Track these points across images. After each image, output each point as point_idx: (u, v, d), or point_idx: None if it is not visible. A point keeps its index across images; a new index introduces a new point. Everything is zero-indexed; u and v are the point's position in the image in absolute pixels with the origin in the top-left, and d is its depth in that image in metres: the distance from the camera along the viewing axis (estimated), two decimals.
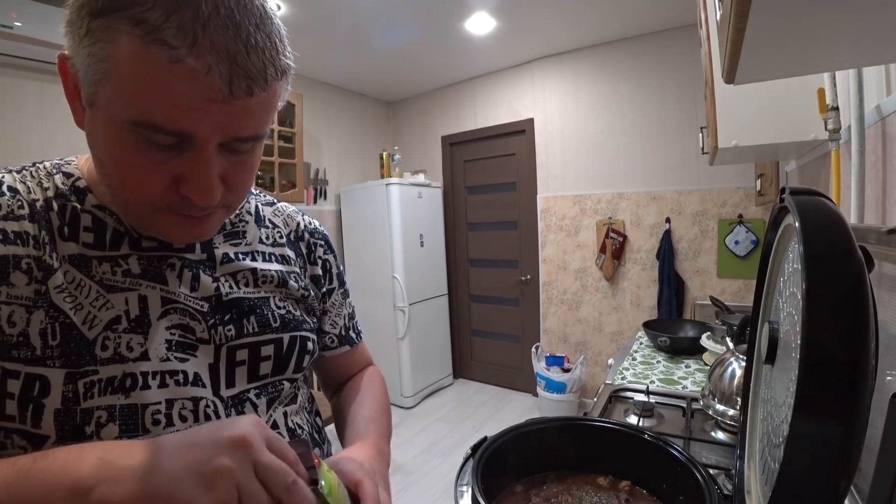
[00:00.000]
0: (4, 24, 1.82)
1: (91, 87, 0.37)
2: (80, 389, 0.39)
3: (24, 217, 0.40)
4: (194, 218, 0.42)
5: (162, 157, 0.37)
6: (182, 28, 0.32)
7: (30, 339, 0.38)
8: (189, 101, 0.34)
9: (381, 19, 2.48)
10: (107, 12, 0.33)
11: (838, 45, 0.49)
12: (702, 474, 0.54)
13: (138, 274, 0.44)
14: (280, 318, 0.53)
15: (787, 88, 1.13)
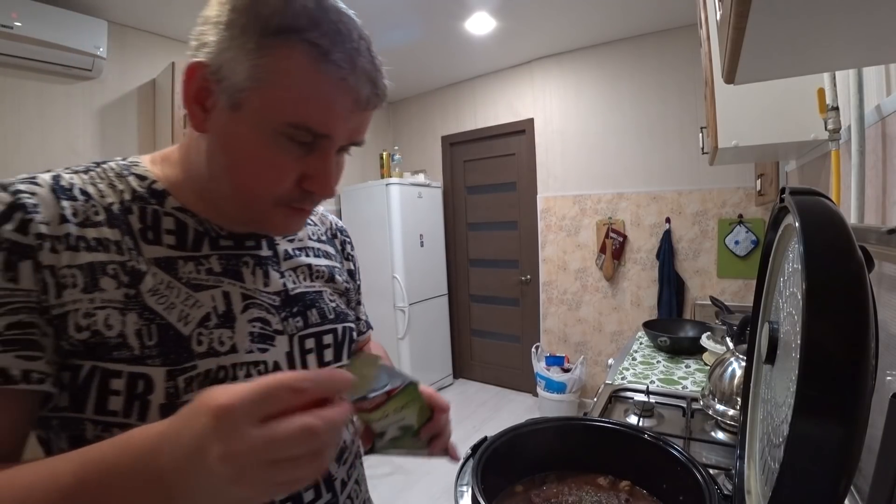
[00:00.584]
0: (4, 24, 1.82)
1: (240, 93, 0.40)
2: (180, 385, 0.41)
3: (101, 223, 0.42)
4: (303, 211, 0.47)
5: (296, 156, 0.42)
6: (345, 55, 0.40)
7: (127, 340, 0.40)
8: (341, 110, 0.42)
9: (381, 19, 2.48)
10: (282, 32, 0.38)
11: (838, 45, 0.49)
12: (702, 474, 0.54)
13: (220, 272, 0.47)
14: (333, 310, 0.57)
15: (787, 88, 1.13)
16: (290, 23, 0.38)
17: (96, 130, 2.30)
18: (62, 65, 2.06)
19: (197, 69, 0.42)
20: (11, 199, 0.39)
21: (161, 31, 2.49)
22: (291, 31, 0.38)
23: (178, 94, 2.30)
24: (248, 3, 0.39)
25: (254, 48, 0.39)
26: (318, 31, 0.39)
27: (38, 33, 1.91)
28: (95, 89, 2.29)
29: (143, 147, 2.47)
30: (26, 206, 0.40)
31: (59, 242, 0.40)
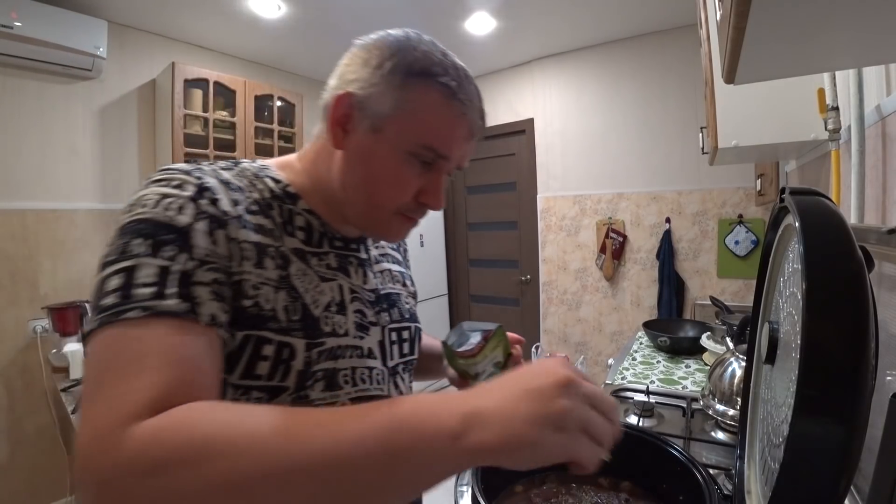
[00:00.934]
0: (4, 24, 1.82)
1: (383, 119, 0.50)
2: (313, 356, 0.49)
3: (257, 212, 0.50)
4: (414, 221, 0.57)
5: (418, 173, 0.52)
6: (466, 95, 0.51)
7: (277, 314, 0.47)
8: (461, 137, 0.52)
9: (381, 19, 2.48)
10: (422, 75, 0.49)
11: (838, 45, 0.49)
12: (702, 474, 0.54)
13: (335, 268, 0.56)
14: (409, 311, 0.67)
15: (787, 88, 1.13)
16: (428, 68, 0.49)
17: (96, 130, 2.30)
18: (62, 65, 2.06)
19: (345, 98, 0.51)
20: (199, 182, 0.46)
21: (161, 31, 2.49)
22: (429, 75, 0.49)
23: (178, 95, 2.30)
24: (396, 51, 0.50)
25: (399, 85, 0.49)
26: (448, 76, 0.50)
27: (38, 33, 1.91)
28: (95, 89, 2.29)
29: (143, 147, 2.47)
30: (212, 188, 0.46)
31: (238, 221, 0.47)
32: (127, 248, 0.40)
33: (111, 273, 0.39)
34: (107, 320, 0.36)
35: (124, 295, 0.37)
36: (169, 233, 0.41)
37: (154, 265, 0.39)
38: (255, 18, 2.40)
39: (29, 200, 2.08)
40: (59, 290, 2.15)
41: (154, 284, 0.38)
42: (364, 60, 0.51)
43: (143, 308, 0.37)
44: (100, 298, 0.38)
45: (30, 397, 2.05)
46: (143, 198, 0.44)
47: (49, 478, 2.08)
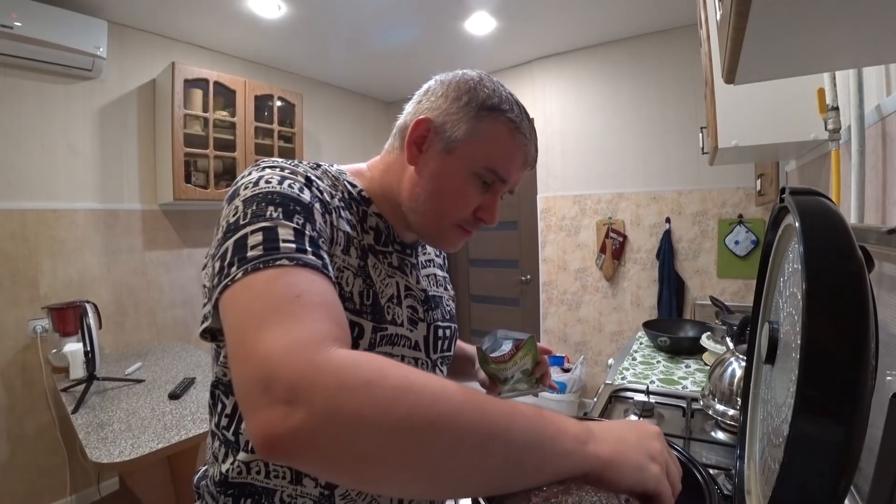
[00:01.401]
0: (4, 24, 1.82)
1: (456, 142, 0.57)
2: (377, 339, 0.55)
3: (343, 208, 0.57)
4: (469, 233, 0.63)
5: (479, 192, 0.59)
6: (527, 129, 0.59)
7: (353, 297, 0.54)
8: (519, 165, 0.60)
9: (381, 19, 2.48)
10: (493, 109, 0.57)
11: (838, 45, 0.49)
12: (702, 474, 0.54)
13: (396, 266, 0.63)
14: (449, 313, 0.73)
15: (787, 88, 1.13)
16: (498, 104, 0.57)
17: (96, 130, 2.30)
18: (62, 65, 2.06)
19: (424, 122, 0.59)
20: (305, 173, 0.53)
21: (161, 31, 2.49)
22: (499, 110, 0.57)
23: (178, 95, 2.30)
24: (470, 88, 0.58)
25: (474, 116, 0.57)
26: (513, 113, 0.58)
27: (38, 33, 1.91)
28: (95, 89, 2.29)
29: (142, 147, 2.47)
30: (315, 180, 0.53)
31: (334, 210, 0.54)
32: (263, 211, 0.45)
33: (252, 231, 0.43)
34: (256, 266, 0.40)
35: (271, 248, 0.41)
36: (297, 205, 0.47)
37: (290, 227, 0.44)
38: (255, 18, 2.40)
39: (29, 200, 2.08)
40: (59, 290, 2.15)
41: (294, 241, 0.43)
42: (443, 94, 0.59)
43: (290, 259, 0.41)
44: (242, 252, 0.41)
45: (30, 397, 2.05)
46: (264, 176, 0.49)
47: (49, 478, 2.08)
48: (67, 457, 2.09)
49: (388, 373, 0.33)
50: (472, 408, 0.34)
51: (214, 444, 0.56)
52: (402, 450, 0.31)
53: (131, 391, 1.67)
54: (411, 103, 0.64)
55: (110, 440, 1.28)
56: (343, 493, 0.54)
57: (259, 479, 0.53)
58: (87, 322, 1.71)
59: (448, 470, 0.33)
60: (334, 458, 0.31)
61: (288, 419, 0.30)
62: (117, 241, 2.38)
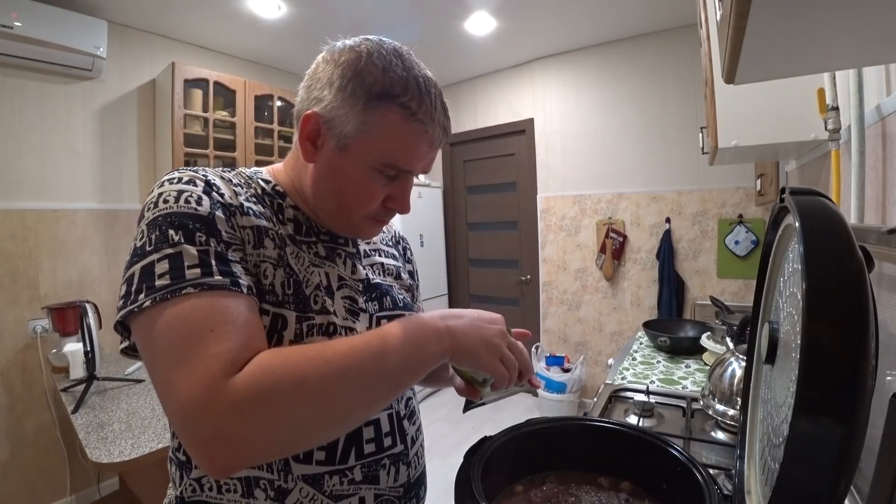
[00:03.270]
0: (4, 24, 1.82)
1: (347, 139, 0.53)
2: (304, 329, 0.54)
3: (255, 202, 0.56)
4: (383, 222, 0.63)
5: (383, 185, 0.57)
6: (427, 113, 0.54)
7: (275, 288, 0.53)
8: (420, 152, 0.56)
9: (381, 19, 2.48)
10: (383, 98, 0.52)
11: (838, 45, 0.49)
12: (702, 474, 0.54)
13: (324, 256, 0.61)
14: (402, 300, 0.70)
15: (787, 88, 1.13)
16: (388, 90, 0.52)
17: (96, 130, 2.30)
18: (62, 65, 2.06)
19: (312, 117, 0.54)
20: (205, 178, 0.52)
21: (161, 31, 2.49)
22: (389, 97, 0.52)
23: (178, 95, 2.30)
24: (356, 73, 0.53)
25: (361, 109, 0.52)
26: (407, 96, 0.53)
27: (38, 33, 1.91)
28: (95, 89, 2.29)
29: (142, 147, 2.47)
30: (215, 184, 0.52)
31: (239, 209, 0.53)
32: (164, 237, 0.46)
33: (159, 258, 0.45)
34: (164, 297, 0.43)
35: (177, 276, 0.44)
36: (196, 221, 0.47)
37: (194, 250, 0.46)
38: (255, 18, 2.40)
39: (29, 200, 2.08)
40: (59, 290, 2.16)
41: (198, 266, 0.45)
42: (328, 79, 0.54)
43: (195, 285, 0.44)
44: (150, 280, 0.44)
45: (30, 397, 2.05)
46: (163, 195, 0.49)
47: (49, 478, 2.08)
48: (67, 457, 2.09)
49: (281, 380, 0.41)
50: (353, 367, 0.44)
51: (171, 468, 0.58)
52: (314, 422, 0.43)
53: (131, 391, 1.67)
54: (302, 86, 0.58)
55: (110, 440, 1.28)
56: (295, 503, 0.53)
57: (212, 496, 0.53)
58: (87, 322, 1.71)
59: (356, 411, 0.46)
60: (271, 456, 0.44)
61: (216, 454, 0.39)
62: (117, 241, 2.38)
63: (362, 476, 0.57)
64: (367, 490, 0.58)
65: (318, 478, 0.54)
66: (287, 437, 0.41)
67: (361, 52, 0.53)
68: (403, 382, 0.49)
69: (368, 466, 0.58)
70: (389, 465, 0.60)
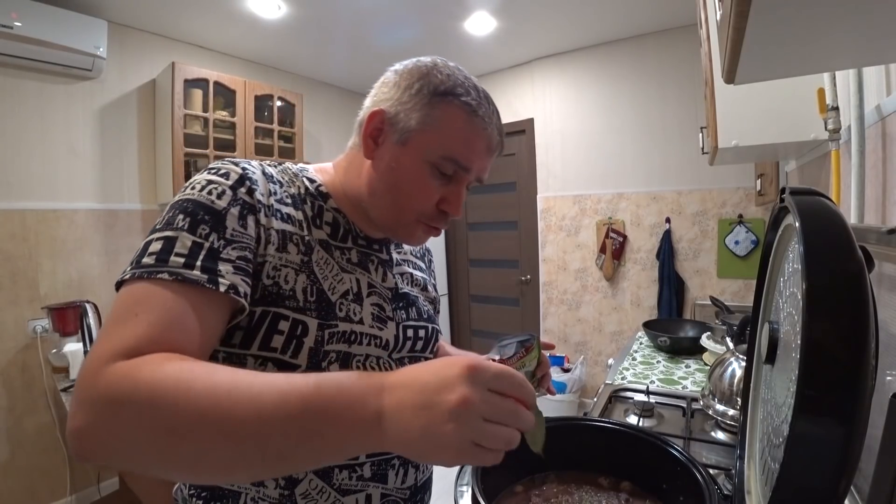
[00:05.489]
0: (4, 24, 1.82)
1: (409, 133, 0.56)
2: (325, 336, 0.54)
3: (289, 204, 0.57)
4: (435, 229, 0.61)
5: (440, 183, 0.57)
6: (486, 113, 0.57)
7: (296, 294, 0.53)
8: (480, 151, 0.58)
9: (381, 19, 2.48)
10: (446, 94, 0.55)
11: (838, 45, 0.49)
12: (702, 474, 0.54)
13: (356, 263, 0.61)
14: (426, 312, 0.70)
15: (787, 88, 1.13)
16: (452, 88, 0.56)
17: (96, 130, 2.30)
18: (62, 65, 2.06)
19: (377, 114, 0.57)
20: (242, 172, 0.53)
21: (161, 31, 2.49)
22: (453, 94, 0.55)
23: (178, 95, 2.30)
24: (422, 75, 0.57)
25: (426, 103, 0.55)
26: (469, 96, 0.56)
27: (38, 33, 1.91)
28: (95, 89, 2.29)
29: (142, 147, 2.47)
30: (252, 178, 0.53)
31: (268, 210, 0.53)
32: (173, 220, 0.47)
33: (156, 238, 0.46)
34: (142, 275, 0.43)
35: (161, 259, 0.44)
36: (206, 213, 0.48)
37: (189, 239, 0.46)
38: (255, 18, 2.40)
39: (29, 200, 2.08)
40: (59, 290, 2.15)
41: (185, 256, 0.45)
42: (395, 83, 0.58)
43: (171, 273, 0.44)
44: (141, 255, 0.45)
45: (30, 397, 2.05)
46: (194, 182, 0.51)
47: (49, 478, 2.08)
48: (67, 457, 2.09)
49: (139, 387, 0.36)
50: (215, 415, 0.34)
51: None
52: (156, 455, 0.35)
53: None
54: (369, 97, 0.62)
55: None
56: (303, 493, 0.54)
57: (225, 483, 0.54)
58: (87, 322, 1.71)
59: (207, 467, 0.36)
60: (115, 462, 0.36)
61: (71, 430, 0.36)
62: (117, 241, 2.38)
63: (371, 473, 0.58)
64: (374, 488, 0.58)
65: (327, 471, 0.55)
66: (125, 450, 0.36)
67: (427, 62, 0.58)
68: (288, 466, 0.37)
69: (378, 465, 0.58)
70: (399, 465, 0.61)
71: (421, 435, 0.33)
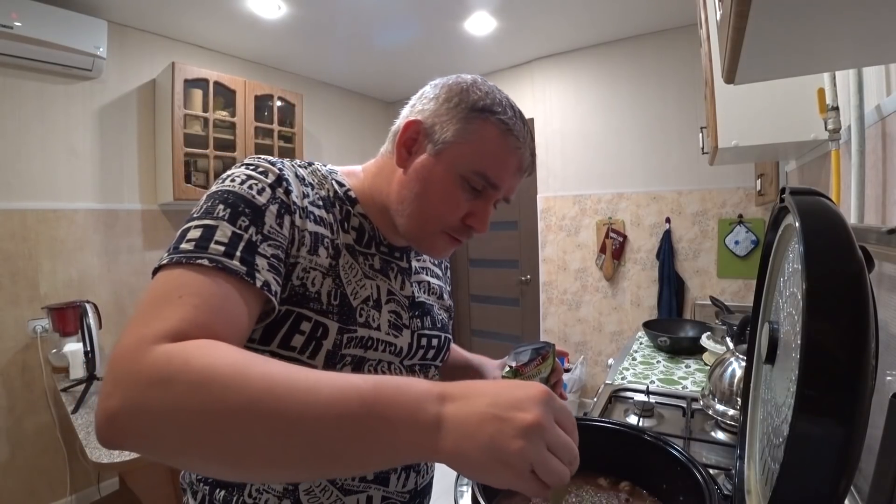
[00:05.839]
0: (4, 24, 1.82)
1: (444, 145, 0.56)
2: (344, 340, 0.54)
3: (321, 206, 0.57)
4: (458, 241, 0.62)
5: (468, 197, 0.58)
6: (520, 133, 0.58)
7: (321, 297, 0.53)
8: (511, 169, 0.59)
9: (381, 19, 2.48)
10: (483, 110, 0.56)
11: (838, 45, 0.49)
12: (702, 474, 0.54)
13: (378, 269, 0.62)
14: (440, 321, 0.72)
15: (787, 88, 1.13)
16: (489, 105, 0.56)
17: (96, 130, 2.30)
18: (62, 65, 2.06)
19: (413, 124, 0.58)
20: (279, 172, 0.53)
21: (161, 31, 2.49)
22: (490, 111, 0.56)
23: (178, 95, 2.30)
24: (461, 90, 0.58)
25: (463, 116, 0.56)
26: (505, 115, 0.57)
27: (38, 33, 1.91)
28: (95, 89, 2.29)
29: (142, 147, 2.47)
30: (288, 180, 0.53)
31: (303, 212, 0.54)
32: (212, 209, 0.47)
33: (195, 225, 0.46)
34: (180, 260, 0.43)
35: (200, 246, 0.44)
36: (247, 207, 0.48)
37: (230, 229, 0.46)
38: (255, 18, 2.40)
39: (29, 200, 2.08)
40: (59, 290, 2.15)
41: (225, 245, 0.45)
42: (434, 96, 0.59)
43: (211, 260, 0.43)
44: (179, 242, 0.45)
45: (30, 397, 2.05)
46: (233, 175, 0.51)
47: (49, 478, 2.08)
48: (67, 457, 2.09)
49: (192, 365, 0.34)
50: (270, 402, 0.33)
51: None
52: (198, 441, 0.33)
53: None
54: (406, 107, 0.64)
55: None
56: (307, 489, 0.55)
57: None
58: (87, 322, 1.71)
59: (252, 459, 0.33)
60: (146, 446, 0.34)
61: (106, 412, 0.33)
62: (117, 241, 2.38)
63: (373, 475, 0.59)
64: (375, 490, 0.59)
65: None
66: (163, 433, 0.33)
67: (467, 79, 0.59)
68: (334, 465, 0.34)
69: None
70: (401, 469, 0.62)
71: (486, 445, 0.32)
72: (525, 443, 0.32)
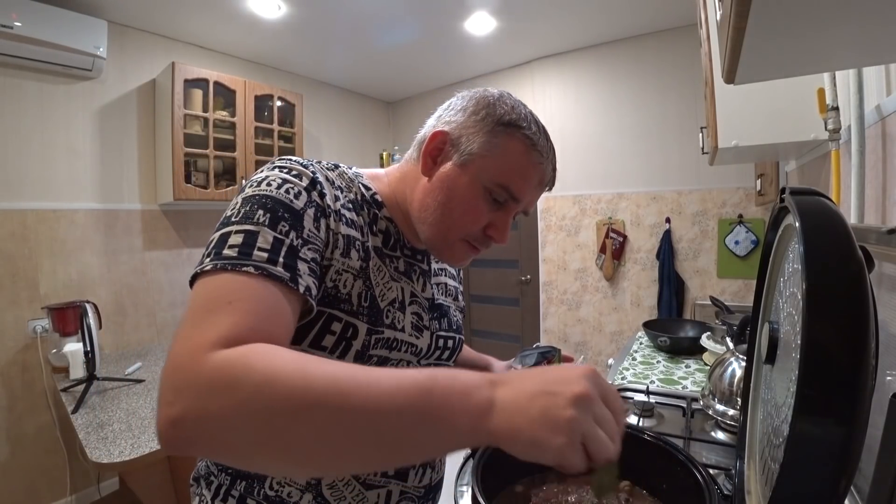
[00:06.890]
0: (4, 24, 1.82)
1: (469, 156, 0.58)
2: (372, 340, 0.56)
3: (352, 209, 0.58)
4: (477, 250, 0.63)
5: (490, 209, 0.59)
6: (545, 149, 0.59)
7: (352, 298, 0.55)
8: (533, 183, 0.59)
9: (381, 19, 2.48)
10: (509, 125, 0.57)
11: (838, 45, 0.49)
12: (702, 474, 0.54)
13: (402, 272, 0.63)
14: (456, 323, 0.73)
15: (787, 88, 1.13)
16: (515, 120, 0.57)
17: (96, 130, 2.30)
18: (62, 65, 2.06)
19: (440, 135, 0.60)
20: (312, 176, 0.54)
21: (161, 31, 2.49)
22: (516, 126, 0.57)
23: (178, 95, 2.30)
24: (488, 104, 0.59)
25: (489, 131, 0.57)
26: (531, 130, 0.58)
27: (38, 33, 1.91)
28: (95, 89, 2.29)
29: (142, 147, 2.47)
30: (321, 183, 0.54)
31: (336, 215, 0.54)
32: (251, 214, 0.48)
33: (236, 231, 0.46)
34: (225, 266, 0.43)
35: (244, 252, 0.45)
36: (286, 212, 0.49)
37: (272, 235, 0.47)
38: (255, 18, 2.40)
39: (29, 200, 2.08)
40: (59, 290, 2.15)
41: (268, 251, 0.46)
42: (462, 108, 0.60)
43: (257, 267, 0.44)
44: (220, 247, 0.45)
45: (30, 397, 2.05)
46: (268, 178, 0.51)
47: (49, 478, 2.08)
48: (67, 457, 2.09)
49: (255, 369, 0.35)
50: (334, 398, 0.34)
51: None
52: (267, 442, 0.34)
53: (131, 391, 1.67)
54: (432, 117, 0.65)
55: (110, 440, 1.28)
56: (330, 483, 0.56)
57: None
58: (87, 322, 1.71)
59: (320, 453, 0.35)
60: (213, 450, 0.36)
61: (169, 419, 0.35)
62: (117, 241, 2.38)
63: (394, 471, 0.61)
64: (395, 485, 0.61)
65: None
66: (231, 436, 0.34)
67: (494, 93, 0.60)
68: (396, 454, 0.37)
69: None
70: (419, 465, 0.64)
71: (539, 417, 0.34)
72: (576, 412, 0.34)
